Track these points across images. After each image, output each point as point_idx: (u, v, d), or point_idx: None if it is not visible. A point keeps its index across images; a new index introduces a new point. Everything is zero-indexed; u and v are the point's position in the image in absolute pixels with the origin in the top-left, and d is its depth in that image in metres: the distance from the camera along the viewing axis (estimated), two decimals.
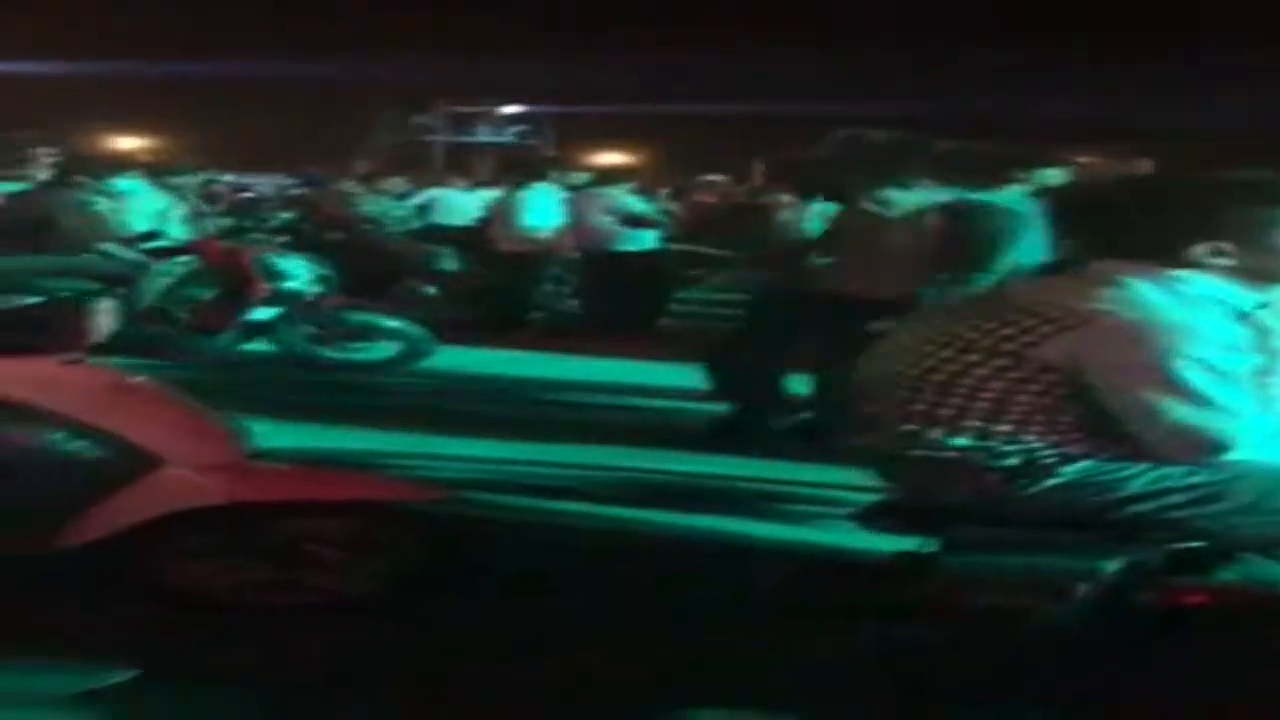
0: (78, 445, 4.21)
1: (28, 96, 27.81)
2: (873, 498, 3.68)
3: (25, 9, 26.12)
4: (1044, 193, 9.36)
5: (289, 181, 20.78)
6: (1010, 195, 9.04)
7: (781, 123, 27.66)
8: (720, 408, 7.13)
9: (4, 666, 3.70)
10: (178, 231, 10.68)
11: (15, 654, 3.75)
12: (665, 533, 5.31)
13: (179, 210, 11.55)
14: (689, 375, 7.34)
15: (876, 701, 3.55)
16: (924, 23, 26.08)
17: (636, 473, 6.30)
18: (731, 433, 6.90)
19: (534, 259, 12.28)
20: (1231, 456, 3.17)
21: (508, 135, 27.17)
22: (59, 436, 4.21)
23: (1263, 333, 3.21)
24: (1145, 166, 14.18)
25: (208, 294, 9.34)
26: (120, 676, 3.66)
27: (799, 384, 6.97)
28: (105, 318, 5.28)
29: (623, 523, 5.43)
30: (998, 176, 9.14)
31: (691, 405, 7.36)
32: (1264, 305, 3.26)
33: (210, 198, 15.26)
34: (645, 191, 14.52)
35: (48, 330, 4.87)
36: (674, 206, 14.58)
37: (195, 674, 3.70)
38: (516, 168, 14.91)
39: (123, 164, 12.58)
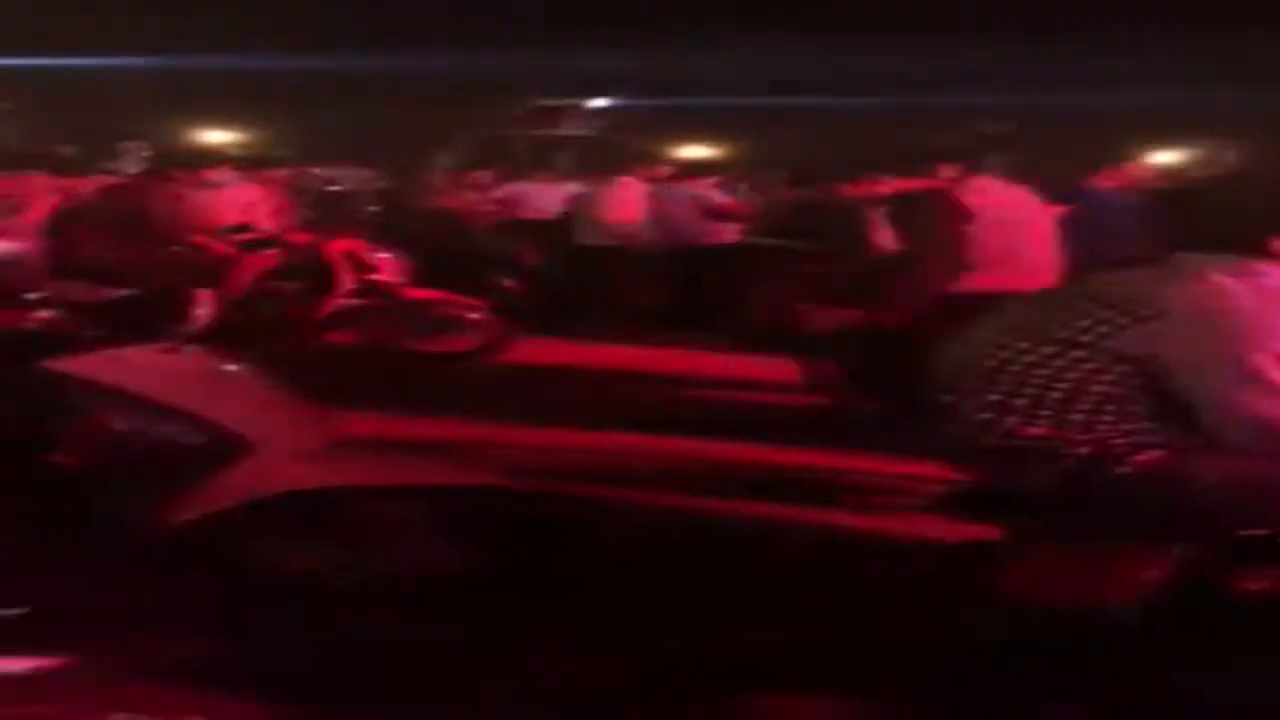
0: (175, 430, 4.33)
1: (120, 91, 28.31)
2: (950, 486, 3.72)
3: (115, 5, 26.49)
4: (1126, 186, 9.41)
5: (374, 175, 20.97)
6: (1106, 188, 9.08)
7: (870, 116, 27.71)
8: (800, 398, 7.17)
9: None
10: (267, 224, 10.87)
11: (110, 633, 3.86)
12: (743, 521, 5.35)
13: (268, 203, 11.73)
14: (770, 367, 7.38)
15: (949, 689, 3.59)
16: (1019, 18, 25.85)
17: (716, 462, 6.34)
18: (812, 423, 6.93)
19: (617, 252, 12.34)
20: None
21: (591, 129, 27.22)
22: (157, 422, 4.33)
23: None
24: (1231, 158, 14.08)
25: (296, 285, 9.50)
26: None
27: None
28: (201, 308, 5.43)
29: (702, 511, 5.47)
30: (1088, 169, 9.18)
31: (772, 396, 7.39)
32: None
33: (298, 191, 15.44)
34: (728, 185, 14.57)
35: (146, 320, 5.01)
36: (757, 199, 14.54)
37: (281, 655, 3.80)
38: (599, 161, 14.99)
39: (213, 157, 12.83)
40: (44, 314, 5.10)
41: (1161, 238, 3.57)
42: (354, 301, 9.44)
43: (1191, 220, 3.49)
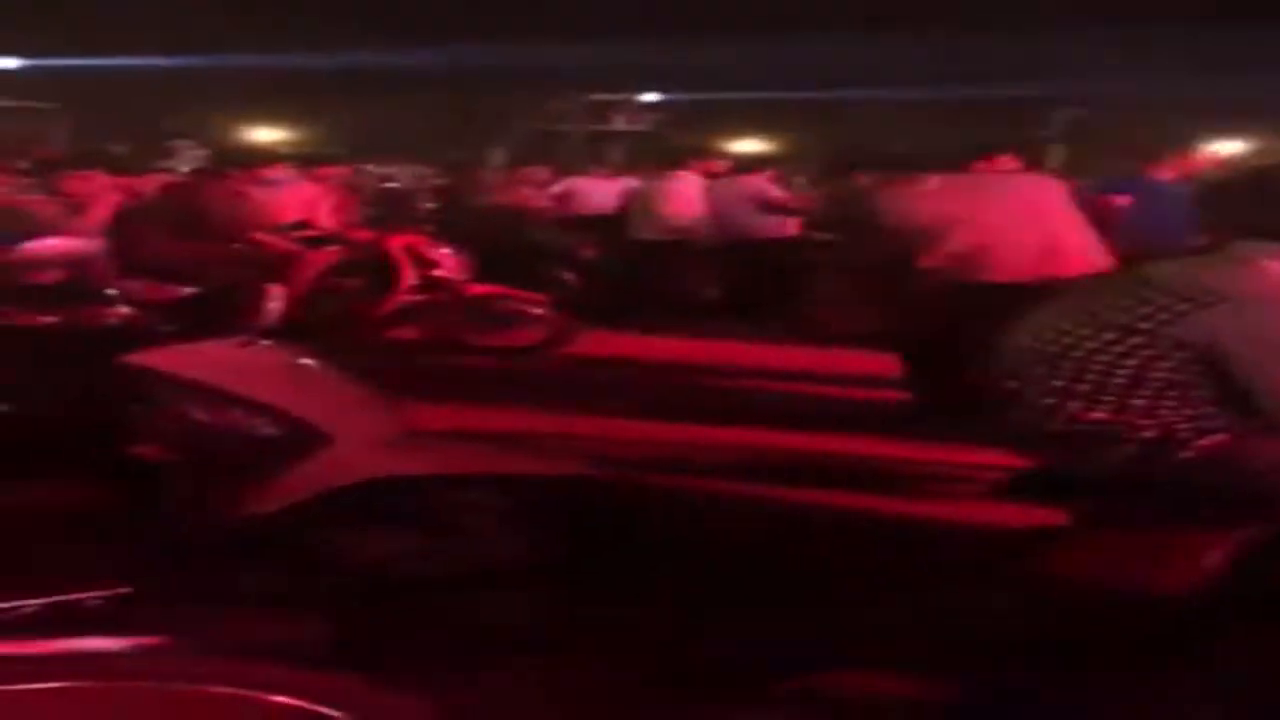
0: (254, 422, 4.43)
1: (173, 89, 28.59)
2: (1015, 470, 3.76)
3: (172, 5, 26.74)
4: (1187, 175, 9.41)
5: (430, 171, 21.11)
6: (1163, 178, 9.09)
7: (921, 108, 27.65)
8: (863, 390, 7.21)
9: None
10: (327, 221, 11.01)
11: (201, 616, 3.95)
12: (807, 508, 5.43)
13: (327, 200, 11.85)
14: (829, 359, 7.43)
15: (1014, 669, 3.65)
16: (1072, 7, 25.79)
17: (782, 453, 6.42)
18: (876, 413, 6.98)
19: (674, 246, 12.41)
20: None
21: (646, 123, 27.32)
22: (236, 414, 4.43)
23: None
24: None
25: (360, 281, 9.63)
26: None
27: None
28: (273, 302, 5.54)
29: (770, 500, 5.55)
30: (1150, 158, 9.18)
31: (835, 388, 7.45)
32: None
33: (355, 188, 15.59)
34: (785, 179, 14.60)
35: (219, 315, 5.13)
36: (814, 193, 14.57)
37: (356, 641, 3.88)
38: (656, 156, 15.05)
39: (270, 155, 12.97)
40: (120, 310, 5.19)
41: (1216, 226, 3.62)
42: (417, 297, 9.56)
43: (1245, 209, 3.53)
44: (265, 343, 5.06)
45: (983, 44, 26.71)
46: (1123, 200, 9.33)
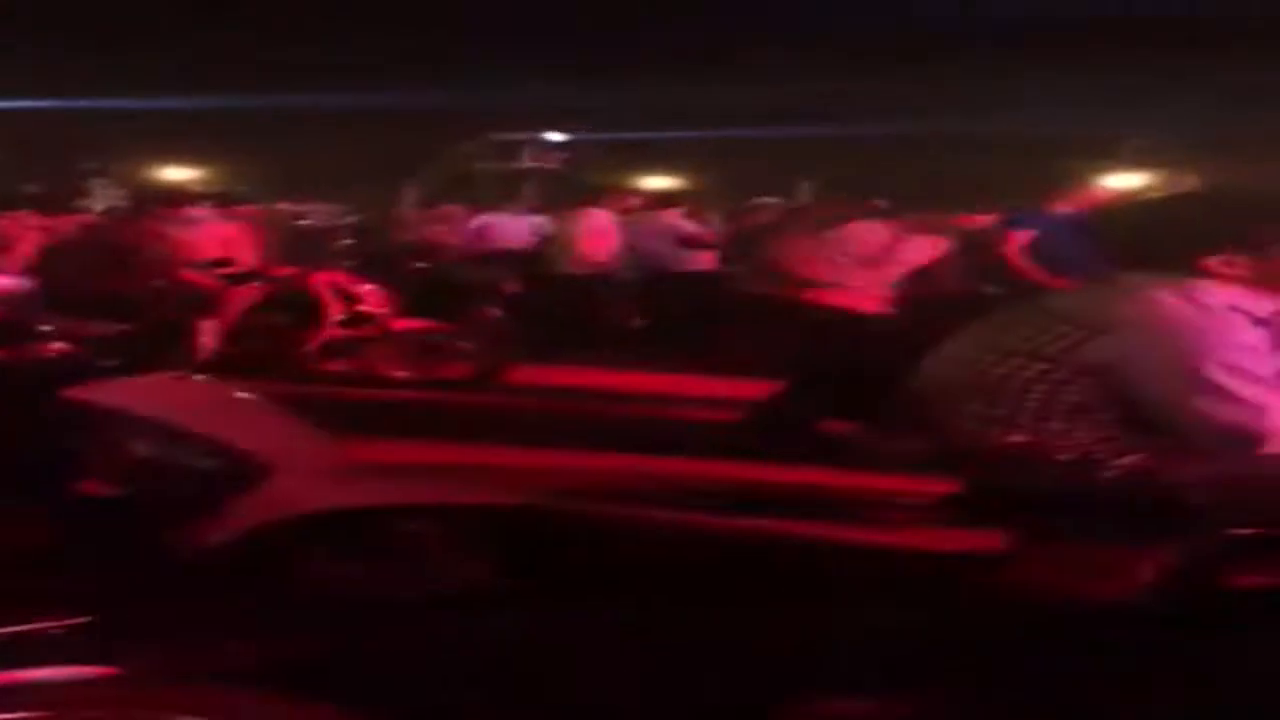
0: (196, 456, 4.49)
1: (89, 131, 28.34)
2: (940, 495, 3.86)
3: (88, 47, 26.55)
4: (1089, 209, 9.71)
5: (344, 210, 21.13)
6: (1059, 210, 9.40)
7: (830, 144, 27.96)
8: (786, 418, 7.33)
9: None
10: (247, 258, 11.04)
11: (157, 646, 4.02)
12: (739, 535, 5.52)
13: (246, 238, 11.89)
14: (750, 388, 7.53)
15: (950, 691, 3.73)
16: (969, 43, 26.23)
17: (705, 480, 6.50)
18: (797, 440, 7.11)
19: (592, 280, 12.56)
20: (1266, 449, 3.38)
21: (558, 162, 27.41)
22: (178, 448, 4.49)
23: None
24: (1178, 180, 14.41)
25: (284, 318, 9.66)
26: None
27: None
28: (205, 337, 5.62)
29: (701, 526, 5.63)
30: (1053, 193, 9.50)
31: (753, 416, 7.55)
32: (1279, 312, 3.50)
33: (271, 226, 15.60)
34: (698, 214, 14.82)
35: (157, 349, 5.21)
36: (728, 228, 14.79)
37: (310, 668, 3.96)
38: (567, 194, 15.23)
39: (189, 194, 13.00)
40: (56, 346, 5.25)
41: (1113, 257, 3.78)
42: (343, 332, 9.62)
43: (1132, 240, 3.72)
44: (201, 377, 5.14)
45: (878, 84, 27.13)
46: (1026, 233, 9.61)
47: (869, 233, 7.02)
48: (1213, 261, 3.50)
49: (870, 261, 6.95)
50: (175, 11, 28.02)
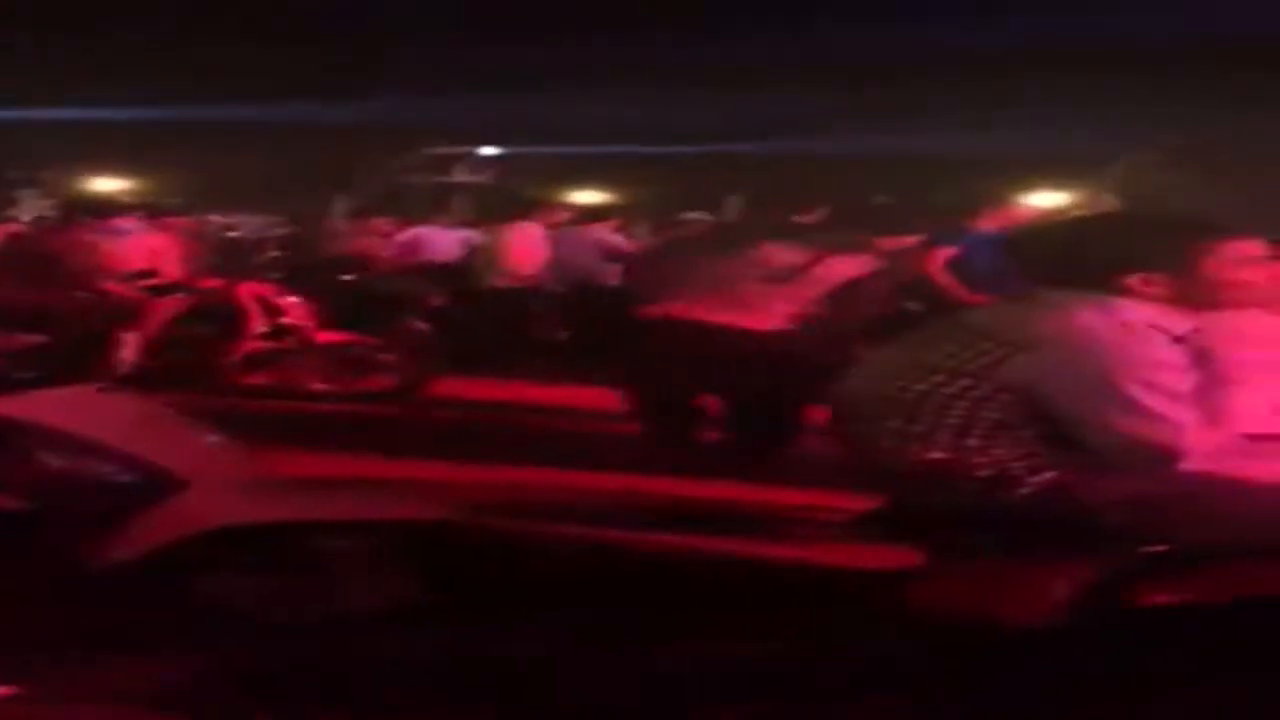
0: (109, 469, 4.43)
1: (16, 141, 28.02)
2: (858, 511, 3.85)
3: (16, 55, 26.22)
4: (1011, 227, 9.80)
5: (274, 222, 21.02)
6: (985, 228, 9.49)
7: (761, 160, 28.09)
8: (714, 432, 7.33)
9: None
10: (173, 270, 10.95)
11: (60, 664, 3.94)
12: (664, 550, 5.52)
13: (172, 250, 11.78)
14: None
15: (868, 710, 3.74)
16: (902, 61, 26.42)
17: (633, 495, 6.50)
18: (723, 454, 7.11)
19: (519, 293, 12.54)
20: (1185, 467, 3.37)
21: (487, 176, 27.43)
22: (91, 461, 4.43)
23: (1201, 354, 3.47)
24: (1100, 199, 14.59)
25: (208, 329, 9.59)
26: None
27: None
28: (125, 350, 5.54)
29: (625, 542, 5.62)
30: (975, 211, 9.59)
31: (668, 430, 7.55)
32: (1196, 330, 3.52)
33: (199, 237, 15.47)
34: (626, 228, 14.84)
35: (74, 361, 5.14)
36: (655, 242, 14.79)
37: (223, 687, 3.91)
38: (498, 207, 15.17)
39: (115, 205, 12.87)
40: None
41: (1032, 275, 3.76)
42: (266, 344, 9.57)
43: (1050, 258, 3.73)
44: (118, 390, 5.08)
45: (815, 100, 27.28)
46: (949, 251, 9.68)
47: (784, 252, 7.00)
48: (1132, 279, 3.51)
49: (782, 280, 6.94)
50: (104, 20, 27.75)
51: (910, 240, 9.81)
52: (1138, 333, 3.41)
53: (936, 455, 3.54)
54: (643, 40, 26.93)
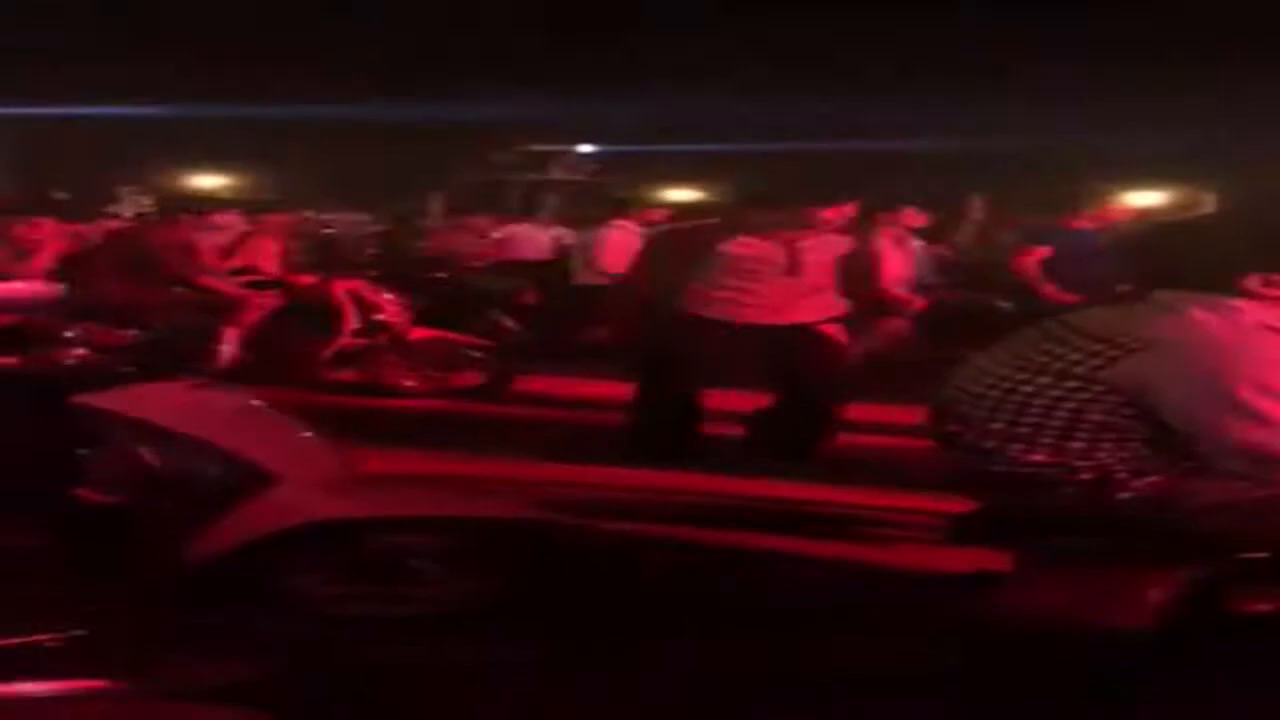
0: (201, 463, 4.45)
1: (119, 138, 28.48)
2: (958, 514, 3.83)
3: (125, 55, 26.66)
4: (1112, 227, 9.64)
5: (370, 219, 21.18)
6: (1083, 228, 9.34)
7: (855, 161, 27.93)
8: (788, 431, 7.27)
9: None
10: (270, 266, 11.05)
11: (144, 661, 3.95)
12: (752, 553, 5.49)
13: (270, 246, 11.89)
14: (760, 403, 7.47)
15: (959, 714, 3.71)
16: (995, 60, 26.16)
17: (724, 496, 6.47)
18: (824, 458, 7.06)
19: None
20: None
21: (584, 174, 27.39)
22: (184, 455, 4.45)
23: None
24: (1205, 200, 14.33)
25: (303, 326, 9.65)
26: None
27: None
28: (226, 345, 5.55)
29: (709, 543, 5.59)
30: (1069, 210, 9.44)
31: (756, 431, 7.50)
32: None
33: (298, 234, 15.61)
34: None
35: (174, 356, 5.16)
36: None
37: (305, 682, 3.91)
38: (594, 205, 15.16)
39: (214, 201, 13.00)
40: (77, 352, 5.20)
41: (1140, 276, 3.74)
42: (360, 341, 9.63)
43: (1169, 259, 3.66)
44: (212, 384, 5.10)
45: (909, 98, 27.08)
46: (1043, 251, 9.54)
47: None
48: (1250, 281, 3.44)
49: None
50: (211, 21, 28.14)
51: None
52: (1256, 335, 3.34)
53: (1039, 457, 3.50)
54: (743, 39, 26.89)
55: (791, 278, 7.05)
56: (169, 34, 27.63)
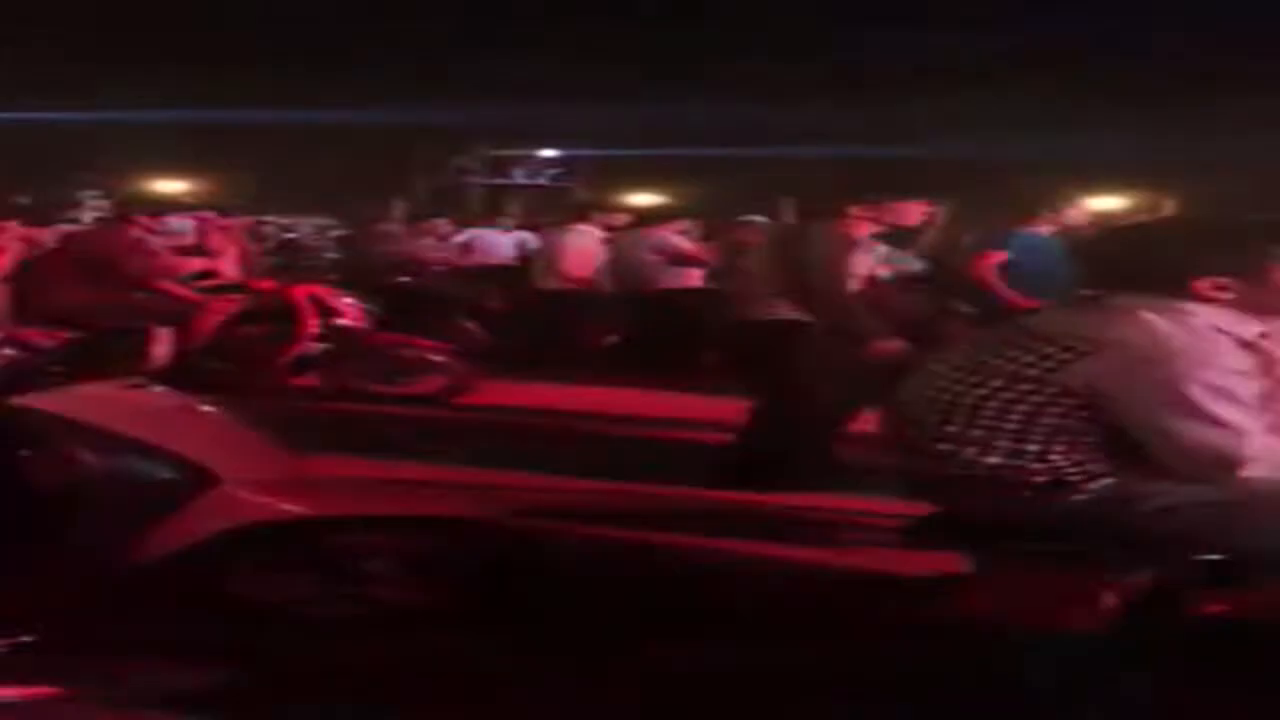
0: (142, 465, 4.38)
1: (78, 143, 28.40)
2: (912, 518, 3.82)
3: (73, 59, 26.61)
4: (1064, 231, 9.67)
5: (332, 223, 21.14)
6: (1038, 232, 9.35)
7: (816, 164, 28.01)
8: (763, 439, 7.22)
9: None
10: (230, 270, 10.99)
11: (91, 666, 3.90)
12: (707, 556, 5.46)
13: (230, 250, 11.84)
14: (731, 408, 7.43)
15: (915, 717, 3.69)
16: (939, 71, 26.38)
17: (678, 500, 6.45)
18: (772, 463, 6.99)
19: (575, 296, 12.47)
20: (1245, 474, 3.32)
21: (547, 178, 27.47)
22: (126, 457, 4.38)
23: (1267, 360, 3.39)
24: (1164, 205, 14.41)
25: (262, 330, 9.59)
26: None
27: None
28: (160, 346, 5.47)
29: (667, 547, 5.56)
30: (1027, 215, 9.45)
31: (733, 437, 7.46)
32: (1264, 335, 3.43)
33: (259, 238, 15.55)
34: (685, 231, 14.72)
35: (109, 358, 5.08)
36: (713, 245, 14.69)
37: (257, 685, 3.86)
38: (556, 209, 15.15)
39: (175, 206, 12.95)
40: (6, 352, 5.13)
41: (1094, 279, 3.73)
42: (319, 345, 9.55)
43: (1121, 263, 3.65)
44: (153, 386, 5.04)
45: (873, 105, 27.23)
46: (999, 255, 9.53)
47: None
48: (1202, 284, 3.43)
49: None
50: (168, 25, 28.07)
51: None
52: (1206, 337, 3.34)
53: (994, 460, 3.50)
54: (700, 44, 26.97)
55: None
56: (131, 38, 27.54)
